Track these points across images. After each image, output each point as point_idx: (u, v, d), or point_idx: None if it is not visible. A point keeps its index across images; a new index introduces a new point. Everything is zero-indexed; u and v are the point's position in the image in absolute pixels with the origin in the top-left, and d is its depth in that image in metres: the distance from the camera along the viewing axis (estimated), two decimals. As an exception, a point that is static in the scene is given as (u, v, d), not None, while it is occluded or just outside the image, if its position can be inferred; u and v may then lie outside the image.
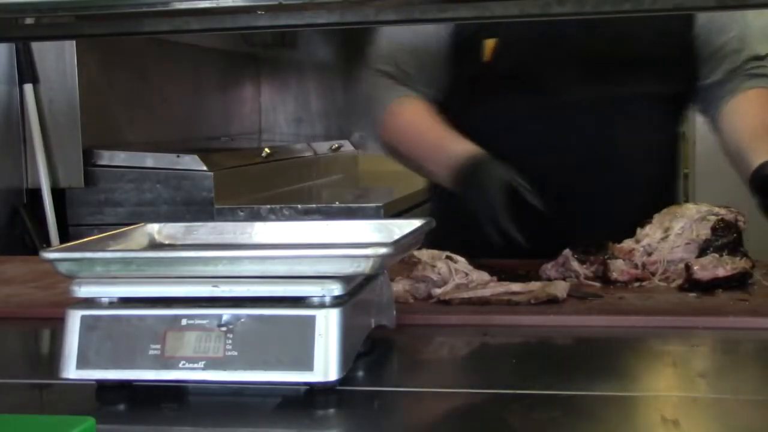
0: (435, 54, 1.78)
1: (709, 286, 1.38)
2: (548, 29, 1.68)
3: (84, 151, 2.77)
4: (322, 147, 3.77)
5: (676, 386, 1.03)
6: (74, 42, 2.71)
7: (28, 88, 2.74)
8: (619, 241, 1.50)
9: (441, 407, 0.99)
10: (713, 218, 1.46)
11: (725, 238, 1.44)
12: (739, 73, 1.79)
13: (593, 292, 1.39)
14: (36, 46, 2.71)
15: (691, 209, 1.49)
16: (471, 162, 1.60)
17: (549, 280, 1.43)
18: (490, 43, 1.73)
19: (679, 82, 1.79)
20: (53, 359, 1.02)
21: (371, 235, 1.15)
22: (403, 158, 1.82)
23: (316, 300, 0.95)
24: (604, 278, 1.44)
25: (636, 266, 1.45)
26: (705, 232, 1.45)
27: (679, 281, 1.41)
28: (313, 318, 0.94)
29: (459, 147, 1.64)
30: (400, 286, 1.36)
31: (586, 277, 1.44)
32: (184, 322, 0.96)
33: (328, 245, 1.13)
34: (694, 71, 1.79)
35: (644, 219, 1.53)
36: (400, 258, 1.10)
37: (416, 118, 1.77)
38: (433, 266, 1.39)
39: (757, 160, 1.57)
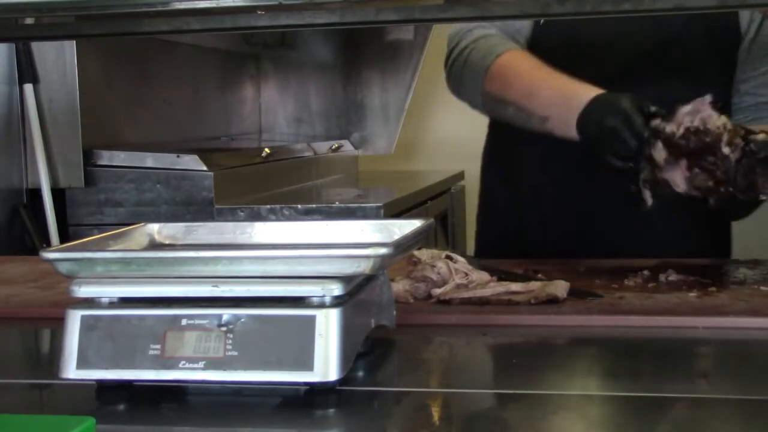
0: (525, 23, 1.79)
1: None
2: (585, 22, 1.67)
3: (84, 151, 2.77)
4: (322, 147, 3.76)
5: (675, 386, 1.03)
6: (74, 42, 2.71)
7: (28, 88, 2.73)
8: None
9: (441, 407, 0.99)
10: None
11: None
12: (763, 108, 1.76)
13: (593, 291, 1.39)
14: (36, 46, 2.71)
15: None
16: (602, 98, 1.54)
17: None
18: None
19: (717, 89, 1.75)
20: (53, 359, 1.02)
21: (371, 235, 1.15)
22: (509, 107, 1.71)
23: (316, 300, 0.95)
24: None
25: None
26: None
27: None
28: (313, 318, 0.94)
29: (589, 91, 1.57)
30: (400, 286, 1.36)
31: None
32: (184, 322, 0.96)
33: (328, 245, 1.13)
34: (731, 82, 1.77)
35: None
36: (400, 258, 1.10)
37: (535, 68, 1.69)
38: (433, 266, 1.39)
39: None
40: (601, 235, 1.79)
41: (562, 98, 1.61)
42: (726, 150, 1.37)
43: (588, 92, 1.56)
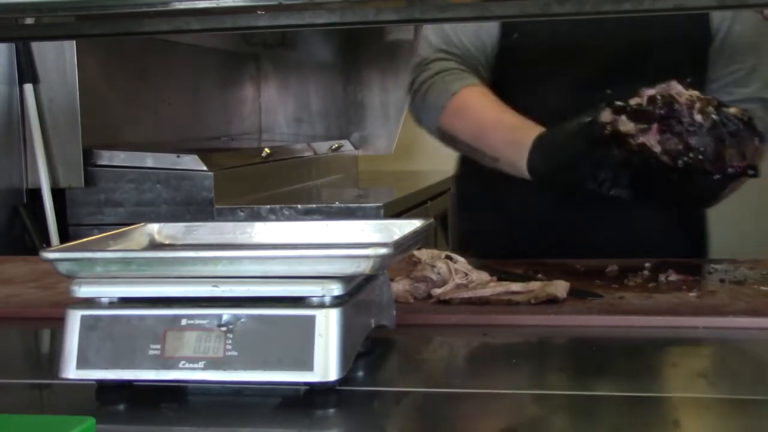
0: (491, 40, 1.79)
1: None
2: (558, 29, 1.68)
3: (84, 151, 2.77)
4: (322, 147, 3.77)
5: (676, 386, 1.03)
6: (74, 42, 2.71)
7: (28, 88, 2.74)
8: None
9: (441, 407, 0.99)
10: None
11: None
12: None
13: (593, 291, 1.39)
14: (36, 46, 2.71)
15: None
16: (543, 136, 1.55)
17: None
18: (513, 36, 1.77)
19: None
20: (53, 359, 1.02)
21: (371, 235, 1.15)
22: (461, 145, 1.78)
23: (316, 300, 0.95)
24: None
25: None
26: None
27: None
28: (313, 318, 0.94)
29: (531, 132, 1.57)
30: (400, 286, 1.36)
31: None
32: (184, 322, 0.96)
33: (328, 245, 1.13)
34: (703, 81, 1.77)
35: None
36: (400, 258, 1.10)
37: (486, 107, 1.72)
38: (433, 266, 1.39)
39: None
40: (582, 235, 1.78)
41: (509, 142, 1.63)
42: (698, 117, 1.37)
43: (529, 134, 1.56)
